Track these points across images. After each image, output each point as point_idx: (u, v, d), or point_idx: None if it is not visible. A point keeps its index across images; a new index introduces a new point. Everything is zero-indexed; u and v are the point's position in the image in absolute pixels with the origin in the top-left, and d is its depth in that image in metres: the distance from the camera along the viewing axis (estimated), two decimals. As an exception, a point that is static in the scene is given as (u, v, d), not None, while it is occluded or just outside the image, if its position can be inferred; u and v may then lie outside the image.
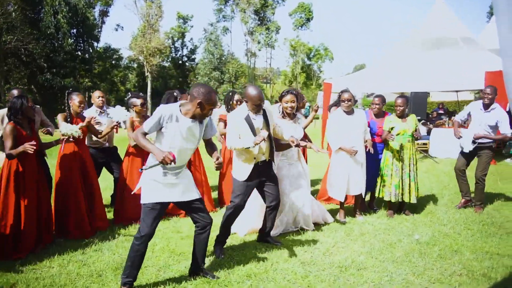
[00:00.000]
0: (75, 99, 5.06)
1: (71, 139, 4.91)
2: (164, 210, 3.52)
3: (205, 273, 3.78)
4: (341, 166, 5.54)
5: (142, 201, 3.39)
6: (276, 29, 48.30)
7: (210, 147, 3.71)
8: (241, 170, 4.34)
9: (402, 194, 5.75)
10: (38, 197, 4.45)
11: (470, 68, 11.13)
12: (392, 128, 5.76)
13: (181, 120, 3.32)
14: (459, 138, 6.10)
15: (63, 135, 4.88)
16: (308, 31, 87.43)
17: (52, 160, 5.45)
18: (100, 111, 6.10)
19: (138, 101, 5.49)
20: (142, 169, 3.30)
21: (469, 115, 6.25)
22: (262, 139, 4.00)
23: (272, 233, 4.93)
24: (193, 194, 3.57)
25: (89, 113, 5.84)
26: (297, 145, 4.33)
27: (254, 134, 4.17)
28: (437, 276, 3.82)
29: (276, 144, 4.72)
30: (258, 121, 4.25)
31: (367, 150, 5.59)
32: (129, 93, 6.15)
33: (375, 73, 13.57)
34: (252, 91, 4.15)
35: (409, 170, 5.77)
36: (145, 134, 3.39)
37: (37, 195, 4.44)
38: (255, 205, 4.86)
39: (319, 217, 5.50)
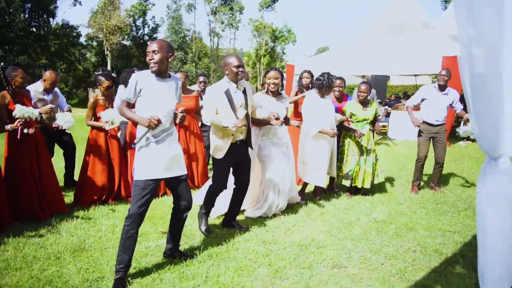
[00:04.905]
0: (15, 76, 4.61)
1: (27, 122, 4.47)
2: (156, 189, 3.38)
3: (183, 255, 3.75)
4: (322, 151, 5.43)
5: (135, 178, 3.22)
6: (239, 9, 47.68)
7: None
8: (218, 147, 4.23)
9: (357, 179, 5.84)
10: None
11: (428, 53, 11.41)
12: (352, 114, 5.79)
13: (153, 79, 3.24)
14: (418, 126, 6.11)
15: (17, 118, 4.36)
16: (273, 12, 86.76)
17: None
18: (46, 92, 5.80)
19: (105, 82, 5.30)
20: (134, 144, 3.26)
21: (421, 99, 6.31)
22: (243, 125, 3.97)
23: (251, 214, 4.98)
24: (182, 168, 3.47)
25: (35, 87, 5.55)
26: (277, 119, 4.33)
27: (234, 110, 4.07)
28: (392, 252, 3.96)
29: (254, 119, 4.62)
30: (238, 96, 4.15)
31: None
32: (101, 68, 5.79)
33: (338, 56, 13.69)
34: (230, 57, 4.11)
35: (366, 156, 5.85)
36: (128, 104, 3.30)
37: None
38: (229, 190, 4.68)
39: (293, 198, 5.46)
